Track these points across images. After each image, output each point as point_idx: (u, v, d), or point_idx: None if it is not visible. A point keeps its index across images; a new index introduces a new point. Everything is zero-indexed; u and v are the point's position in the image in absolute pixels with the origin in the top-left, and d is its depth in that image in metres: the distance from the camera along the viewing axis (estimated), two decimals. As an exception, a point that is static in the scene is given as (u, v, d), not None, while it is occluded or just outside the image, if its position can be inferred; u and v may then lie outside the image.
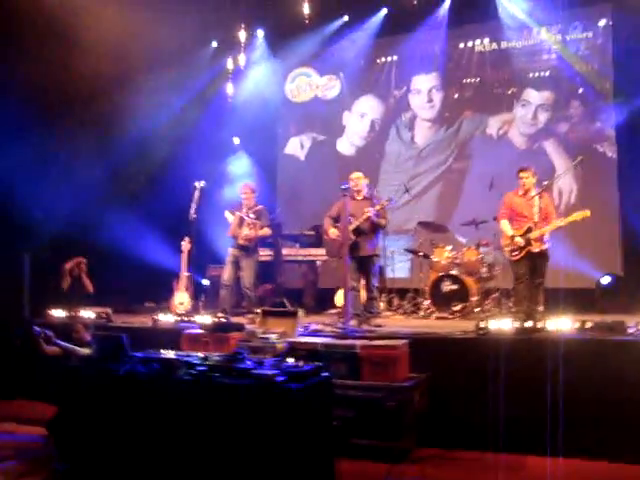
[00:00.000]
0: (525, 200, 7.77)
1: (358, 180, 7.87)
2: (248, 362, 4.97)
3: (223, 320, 7.07)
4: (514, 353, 5.94)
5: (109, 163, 9.99)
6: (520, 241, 7.62)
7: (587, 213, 7.52)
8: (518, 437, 5.73)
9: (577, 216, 7.52)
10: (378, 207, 7.63)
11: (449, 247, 9.59)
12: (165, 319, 8.07)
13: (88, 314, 8.35)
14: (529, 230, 7.63)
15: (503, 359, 5.91)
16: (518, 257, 7.68)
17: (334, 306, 9.65)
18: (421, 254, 9.86)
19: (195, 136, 11.41)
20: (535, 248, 7.59)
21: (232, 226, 8.76)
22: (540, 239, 7.59)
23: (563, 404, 5.61)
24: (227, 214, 8.91)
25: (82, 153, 9.70)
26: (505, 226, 7.90)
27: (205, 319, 7.23)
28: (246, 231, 8.66)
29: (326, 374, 4.95)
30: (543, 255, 7.63)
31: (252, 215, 8.73)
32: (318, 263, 10.60)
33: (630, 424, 5.55)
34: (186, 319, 8.00)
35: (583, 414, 5.63)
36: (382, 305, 9.41)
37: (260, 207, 8.89)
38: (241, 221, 8.70)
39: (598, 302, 9.43)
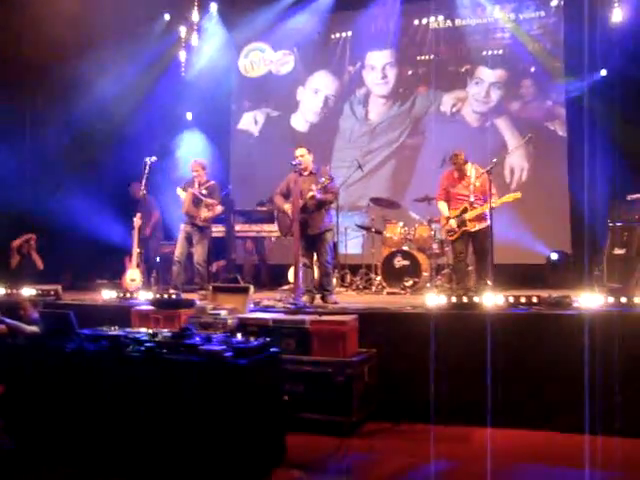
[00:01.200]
0: (460, 181, 7.96)
1: (302, 156, 7.67)
2: (197, 338, 4.97)
3: (173, 296, 6.99)
4: (457, 328, 6.04)
5: (58, 137, 9.79)
6: (453, 223, 7.85)
7: (518, 195, 7.76)
8: (463, 410, 5.82)
9: (508, 198, 7.73)
10: (320, 185, 7.43)
11: (401, 223, 9.66)
12: (115, 296, 7.98)
13: (36, 291, 8.20)
14: (465, 210, 7.82)
15: (447, 334, 6.00)
16: (454, 237, 7.92)
17: (287, 282, 9.65)
18: (373, 230, 9.90)
19: (147, 111, 11.21)
20: (472, 227, 7.80)
21: (185, 203, 8.65)
22: (477, 218, 7.77)
23: (504, 377, 5.74)
24: (179, 191, 8.80)
25: (31, 126, 9.49)
26: (442, 207, 8.12)
27: (156, 295, 7.15)
28: (205, 213, 8.59)
29: (275, 349, 4.97)
30: (482, 233, 7.74)
31: (204, 191, 8.64)
32: (271, 239, 10.58)
33: (566, 395, 5.67)
34: (136, 296, 7.91)
35: (523, 387, 5.78)
36: (335, 281, 9.43)
37: (212, 183, 8.81)
38: (195, 199, 8.62)
39: (547, 278, 9.63)
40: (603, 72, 10.23)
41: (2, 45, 9.02)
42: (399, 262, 9.13)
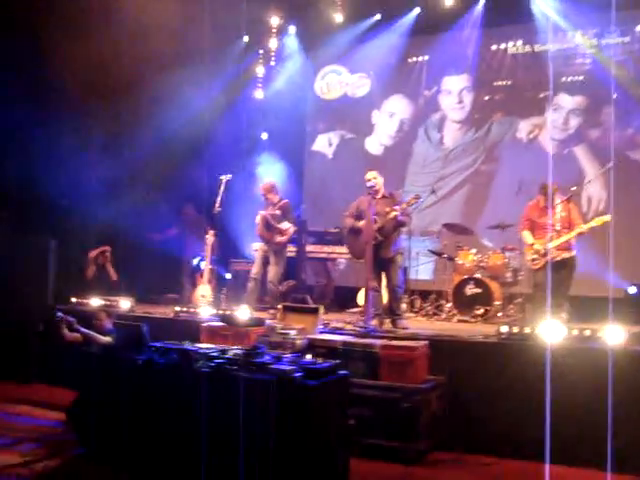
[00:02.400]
0: (546, 210, 7.78)
1: (374, 180, 7.68)
2: (266, 357, 4.98)
3: (244, 314, 7.04)
4: (537, 359, 5.84)
5: (139, 154, 10.03)
6: (540, 248, 7.67)
7: (607, 218, 7.49)
8: (537, 445, 5.62)
9: (598, 221, 7.49)
10: (405, 205, 7.43)
11: (474, 250, 9.50)
12: (186, 311, 8.09)
13: (110, 302, 8.41)
14: (551, 239, 7.65)
15: (523, 365, 5.85)
16: (538, 266, 7.72)
17: (356, 305, 9.61)
18: (445, 256, 9.79)
19: (224, 131, 11.41)
20: (557, 256, 7.62)
21: (258, 226, 8.90)
22: (562, 247, 7.58)
23: (577, 414, 5.55)
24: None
25: (112, 143, 9.76)
26: (526, 236, 7.98)
27: (226, 312, 7.22)
28: (279, 238, 8.83)
29: (343, 372, 4.95)
30: (567, 263, 7.61)
31: (278, 211, 8.79)
32: (342, 261, 10.58)
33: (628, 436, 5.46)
34: (206, 312, 8.00)
35: (597, 425, 5.51)
36: (404, 306, 9.35)
37: (285, 202, 8.97)
38: (267, 222, 8.76)
39: (624, 312, 9.30)
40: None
41: (91, 69, 9.32)
42: (471, 289, 8.97)
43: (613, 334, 5.96)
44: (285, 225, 8.82)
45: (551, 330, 6.07)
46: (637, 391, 5.60)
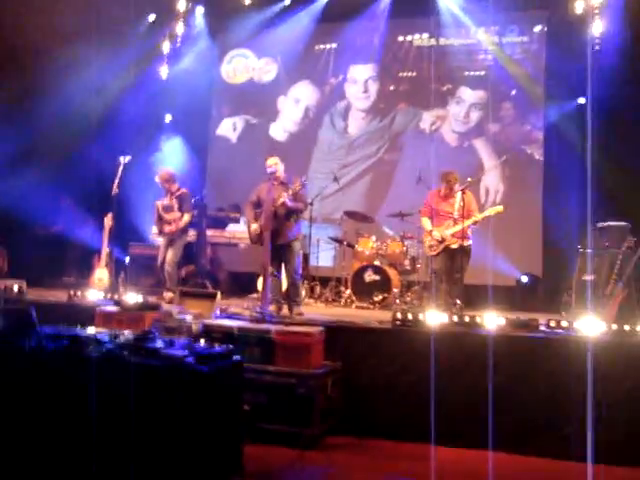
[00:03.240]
0: (446, 199, 7.98)
1: (275, 165, 7.68)
2: (159, 342, 4.88)
3: (139, 298, 6.89)
4: (429, 345, 5.98)
5: (31, 132, 9.62)
6: (437, 235, 7.84)
7: (500, 209, 7.79)
8: (423, 427, 5.77)
9: (491, 211, 7.80)
10: (291, 191, 7.38)
11: (374, 238, 9.64)
12: (81, 295, 7.86)
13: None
14: (447, 226, 7.84)
15: (416, 350, 5.98)
16: (436, 253, 7.89)
17: (256, 291, 9.57)
18: (345, 243, 9.89)
19: (126, 110, 11.10)
20: (453, 244, 7.77)
21: (155, 219, 8.95)
22: (459, 235, 7.73)
23: (474, 397, 5.73)
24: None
25: (6, 118, 9.32)
26: (425, 222, 8.12)
27: (121, 296, 7.05)
28: (167, 228, 8.76)
29: (237, 357, 4.90)
30: (463, 251, 7.76)
31: (174, 201, 8.75)
32: (242, 245, 10.52)
33: (540, 417, 5.72)
34: (103, 296, 7.81)
35: (494, 406, 5.71)
36: (303, 293, 9.39)
37: (182, 191, 8.90)
38: (159, 216, 8.77)
39: (517, 300, 9.66)
40: (582, 99, 10.32)
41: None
42: (369, 276, 9.11)
43: (491, 320, 6.25)
44: (174, 215, 8.70)
45: (435, 317, 6.30)
46: (510, 372, 5.85)
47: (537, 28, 11.14)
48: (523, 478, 5.33)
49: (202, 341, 5.06)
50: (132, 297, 6.87)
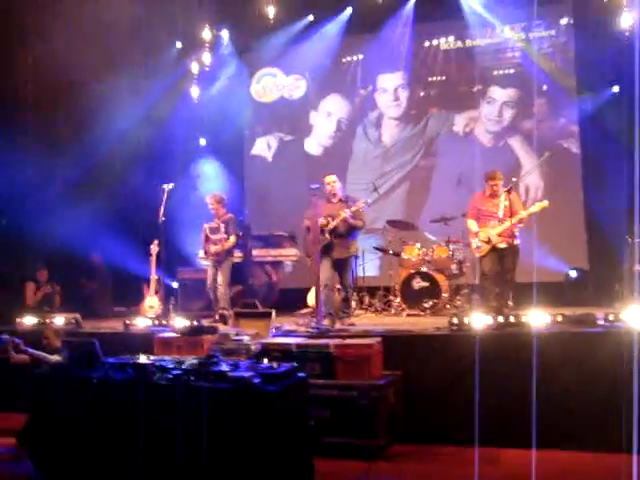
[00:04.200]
0: (491, 199, 7.96)
1: (333, 183, 7.98)
2: (223, 365, 4.94)
3: (195, 323, 6.99)
4: (486, 348, 5.96)
5: (75, 167, 9.84)
6: (483, 236, 7.80)
7: (545, 203, 7.71)
8: (494, 431, 5.77)
9: (537, 207, 7.71)
10: (354, 209, 7.71)
11: (418, 245, 9.63)
12: (138, 323, 7.98)
13: (57, 320, 8.22)
14: (493, 226, 7.81)
15: (476, 354, 5.95)
16: (483, 253, 7.84)
17: (306, 306, 9.63)
18: (391, 252, 9.90)
19: (162, 138, 11.30)
20: (501, 243, 7.74)
21: (202, 240, 9.07)
22: (506, 234, 7.72)
23: (536, 397, 5.68)
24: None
25: (48, 157, 9.53)
26: (471, 224, 8.07)
27: (178, 322, 7.15)
28: (213, 248, 8.88)
29: (302, 375, 4.95)
30: (511, 250, 7.73)
31: (221, 224, 8.86)
32: (288, 263, 10.61)
33: (600, 415, 5.65)
34: (158, 323, 7.92)
35: (556, 406, 5.70)
36: (353, 304, 9.43)
37: (228, 216, 9.02)
38: (206, 237, 8.92)
39: (566, 296, 9.58)
40: (615, 88, 10.24)
41: (23, 68, 9.13)
42: (418, 283, 9.11)
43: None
44: (220, 235, 8.83)
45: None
46: (556, 369, 5.80)
47: (563, 20, 11.10)
48: (594, 475, 5.26)
49: (265, 361, 5.12)
50: (188, 322, 6.96)
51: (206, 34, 12.10)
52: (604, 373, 5.66)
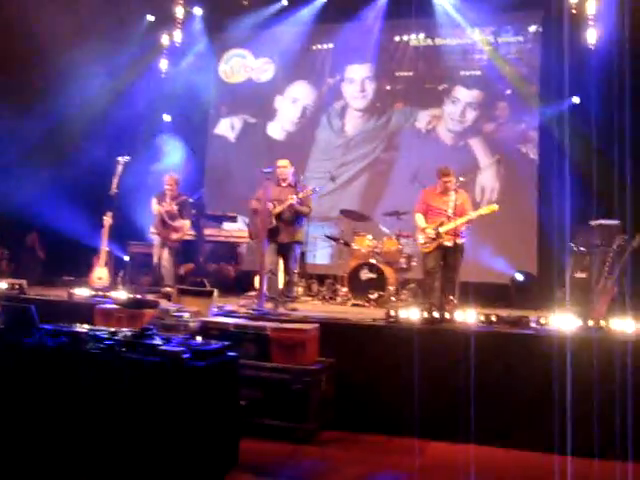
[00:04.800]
0: (442, 196, 7.92)
1: (284, 168, 7.97)
2: (157, 338, 4.98)
3: (137, 296, 7.00)
4: (421, 342, 6.07)
5: (30, 132, 9.73)
6: (431, 232, 7.78)
7: (495, 207, 7.81)
8: (422, 423, 5.88)
9: (486, 210, 7.80)
10: (301, 195, 7.72)
11: (370, 236, 9.73)
12: (81, 293, 7.96)
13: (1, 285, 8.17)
14: (441, 224, 7.75)
15: (410, 347, 6.07)
16: (429, 249, 7.84)
17: (254, 289, 9.67)
18: (342, 241, 9.99)
19: (125, 110, 11.21)
20: (447, 242, 7.73)
21: (156, 223, 9.03)
22: (453, 233, 7.74)
23: (465, 392, 5.83)
24: (153, 201, 9.00)
25: (8, 119, 9.41)
26: (419, 219, 8.04)
27: (120, 294, 7.15)
28: (174, 236, 8.90)
29: (233, 353, 5.01)
30: (457, 249, 7.79)
31: (175, 206, 8.83)
32: (240, 244, 10.64)
33: (528, 413, 5.82)
34: (102, 294, 7.91)
35: (484, 402, 5.82)
36: (301, 290, 9.52)
37: (183, 198, 9.06)
38: (162, 219, 8.86)
39: (512, 298, 9.76)
40: (576, 99, 10.41)
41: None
42: (365, 274, 9.21)
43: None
44: (180, 222, 8.84)
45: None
46: (496, 368, 5.96)
47: (532, 28, 11.25)
48: (512, 472, 5.41)
49: (199, 338, 5.17)
50: (131, 295, 6.98)
51: (179, 10, 12.01)
52: (527, 373, 5.82)
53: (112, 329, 5.39)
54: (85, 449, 4.67)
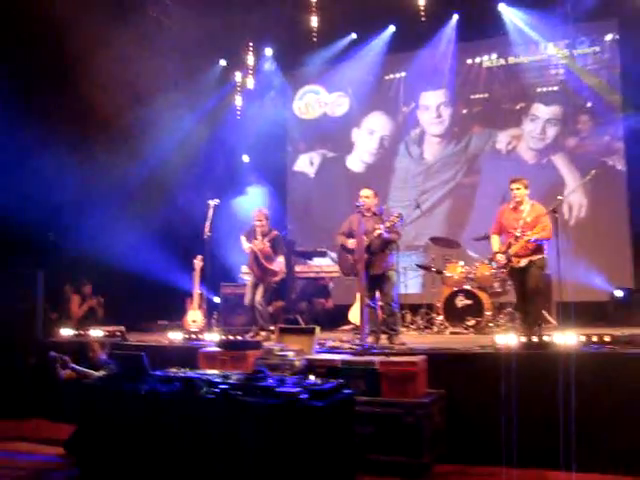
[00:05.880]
0: (514, 212, 7.40)
1: (367, 197, 7.73)
2: (270, 380, 4.99)
3: (240, 338, 7.04)
4: (530, 368, 5.91)
5: (121, 185, 10.02)
6: (501, 258, 7.32)
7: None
8: (534, 452, 5.71)
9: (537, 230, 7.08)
10: (388, 224, 7.45)
11: (462, 262, 9.59)
12: (179, 337, 8.06)
13: (102, 333, 8.35)
14: (509, 245, 7.27)
15: (517, 374, 5.91)
16: (505, 274, 7.52)
17: (347, 322, 9.64)
18: (434, 269, 9.87)
19: (206, 155, 11.47)
20: (517, 264, 7.19)
21: (249, 262, 8.77)
22: (523, 254, 7.15)
23: (577, 419, 5.62)
24: (242, 239, 8.86)
25: (95, 175, 9.71)
26: (494, 241, 7.60)
27: (222, 337, 7.20)
28: (274, 278, 8.78)
29: (348, 391, 4.98)
30: (530, 270, 7.15)
31: (267, 242, 8.71)
32: (329, 279, 10.65)
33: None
34: (201, 337, 7.99)
35: (596, 428, 5.60)
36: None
37: (274, 233, 8.84)
38: (256, 259, 8.66)
39: (612, 315, 9.44)
40: (662, 104, 10.13)
41: (76, 102, 9.37)
42: (461, 301, 9.07)
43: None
44: (277, 264, 8.73)
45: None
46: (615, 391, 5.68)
47: (608, 37, 11.02)
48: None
49: (311, 377, 5.14)
50: (233, 337, 7.00)
51: (249, 52, 12.27)
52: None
53: (223, 373, 5.44)
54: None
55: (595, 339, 6.17)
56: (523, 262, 7.16)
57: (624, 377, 5.71)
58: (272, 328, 8.21)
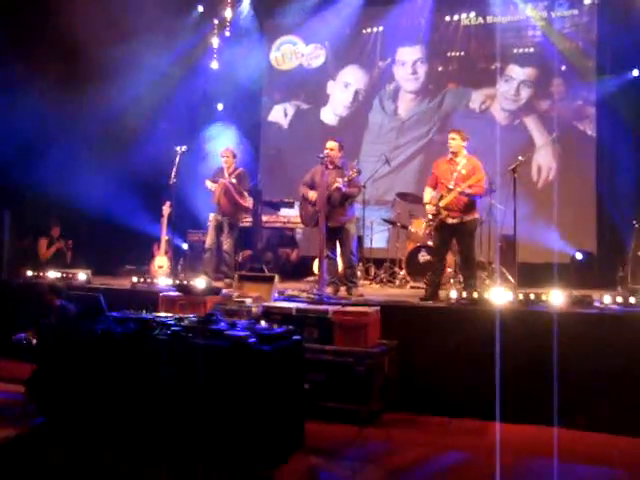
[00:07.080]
0: (449, 164, 7.08)
1: (332, 150, 7.72)
2: (222, 324, 5.10)
3: (200, 283, 7.11)
4: (483, 322, 6.06)
5: (89, 126, 9.95)
6: (431, 209, 6.97)
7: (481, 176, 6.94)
8: (479, 404, 5.88)
9: (473, 180, 6.84)
10: (346, 178, 7.48)
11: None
12: (143, 281, 8.14)
13: (64, 275, 8.39)
14: (441, 197, 6.91)
15: (472, 328, 6.06)
16: (431, 228, 7.10)
17: (313, 274, 9.75)
18: (399, 225, 9.97)
19: (178, 101, 11.36)
20: (446, 217, 6.87)
21: (216, 193, 8.74)
22: (456, 208, 6.85)
23: (520, 373, 5.79)
24: (208, 183, 8.89)
25: (62, 117, 9.61)
26: (426, 193, 7.24)
27: (182, 282, 7.28)
28: (242, 215, 8.99)
29: (297, 337, 5.09)
30: (463, 228, 6.91)
31: (233, 179, 8.77)
32: (298, 230, 10.72)
33: (574, 393, 5.72)
34: (163, 282, 8.07)
35: (540, 383, 5.76)
36: (359, 274, 9.53)
37: (240, 170, 8.94)
38: (226, 191, 8.69)
39: (572, 278, 9.60)
40: (635, 72, 10.17)
41: (43, 34, 9.22)
42: (423, 257, 9.18)
43: (556, 297, 6.23)
44: (248, 200, 8.84)
45: (498, 295, 6.30)
46: (578, 349, 5.83)
47: (588, 0, 10.96)
48: (580, 453, 5.35)
49: (262, 323, 5.26)
50: (197, 282, 7.06)
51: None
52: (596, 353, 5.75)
53: (178, 315, 5.54)
54: (151, 431, 4.82)
55: (533, 297, 6.31)
56: (454, 220, 6.87)
57: (565, 335, 5.87)
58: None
